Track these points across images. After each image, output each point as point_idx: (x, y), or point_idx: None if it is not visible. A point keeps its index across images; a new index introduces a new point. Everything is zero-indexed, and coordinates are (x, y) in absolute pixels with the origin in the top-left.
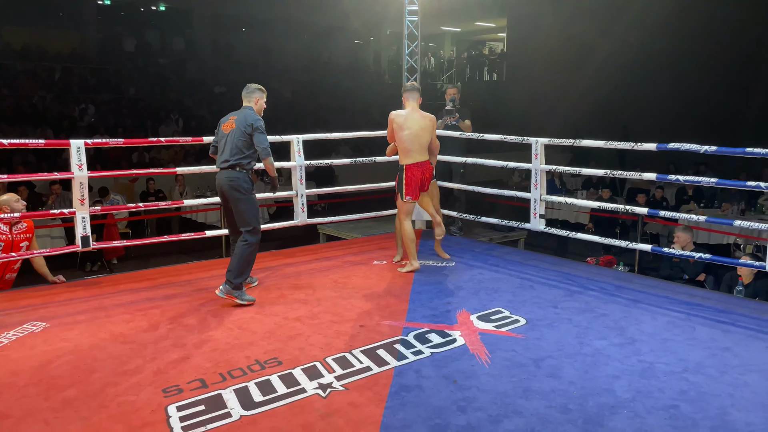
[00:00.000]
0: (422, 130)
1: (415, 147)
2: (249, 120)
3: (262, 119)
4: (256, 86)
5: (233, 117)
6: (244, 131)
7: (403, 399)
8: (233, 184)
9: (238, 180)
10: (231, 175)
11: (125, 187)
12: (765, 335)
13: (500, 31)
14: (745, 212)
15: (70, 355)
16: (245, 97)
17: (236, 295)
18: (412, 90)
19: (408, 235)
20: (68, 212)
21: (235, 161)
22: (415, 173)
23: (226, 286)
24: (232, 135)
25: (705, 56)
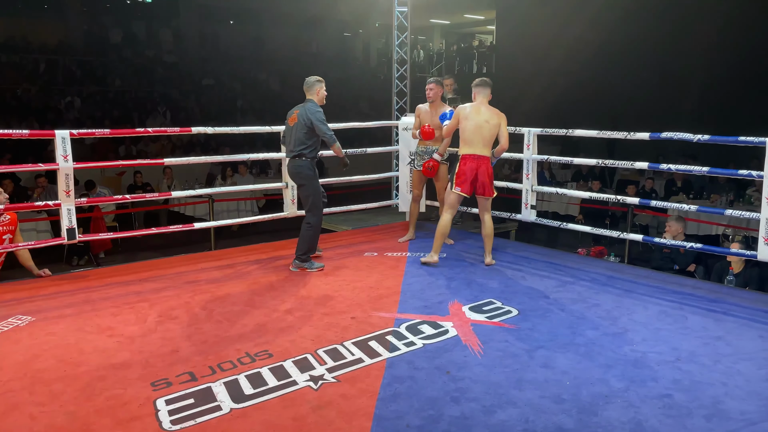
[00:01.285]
0: (487, 123)
1: (476, 139)
2: (309, 112)
3: (322, 110)
4: (315, 78)
5: (296, 111)
6: (305, 124)
7: (395, 390)
8: (297, 171)
9: (302, 167)
10: (296, 163)
11: (112, 180)
12: (757, 324)
13: (489, 23)
14: (733, 203)
15: (56, 349)
16: (306, 90)
17: (306, 266)
18: (483, 85)
19: (442, 229)
20: (53, 204)
21: (298, 151)
22: (470, 164)
23: (296, 262)
24: (296, 128)
25: (694, 48)
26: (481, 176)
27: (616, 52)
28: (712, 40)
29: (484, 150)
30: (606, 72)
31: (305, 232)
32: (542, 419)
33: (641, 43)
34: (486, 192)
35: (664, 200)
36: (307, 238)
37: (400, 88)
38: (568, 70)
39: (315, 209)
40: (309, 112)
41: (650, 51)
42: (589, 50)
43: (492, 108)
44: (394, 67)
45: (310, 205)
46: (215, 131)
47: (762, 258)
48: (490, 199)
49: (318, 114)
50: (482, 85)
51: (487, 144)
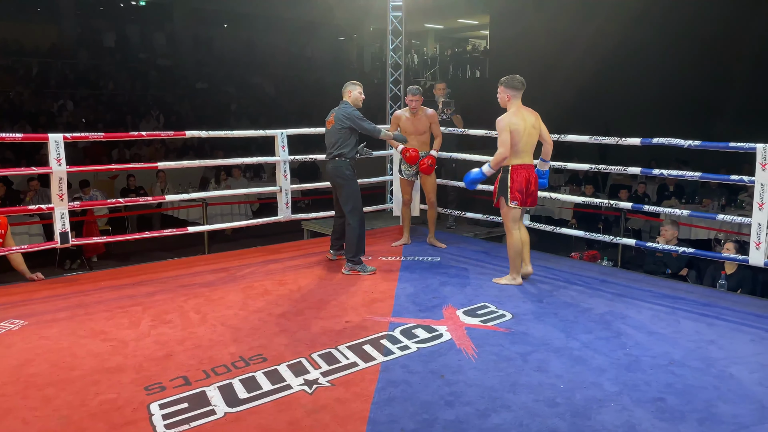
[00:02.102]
0: (533, 128)
1: (527, 148)
2: (345, 113)
3: (357, 110)
4: (349, 82)
5: (333, 114)
6: (341, 125)
7: (390, 394)
8: (336, 172)
9: (341, 168)
10: (335, 164)
11: (105, 184)
12: (748, 328)
13: (483, 28)
14: (725, 207)
15: (49, 353)
16: (343, 93)
17: (359, 269)
18: (521, 87)
19: (515, 248)
20: (46, 208)
21: (337, 152)
22: (522, 174)
23: (349, 265)
24: (333, 129)
25: (687, 54)
26: (533, 186)
27: (609, 56)
28: (706, 46)
29: (531, 158)
30: (599, 76)
31: (349, 233)
32: (536, 423)
33: (635, 47)
34: (533, 202)
35: (656, 204)
36: (354, 239)
37: (394, 93)
38: (561, 74)
39: (356, 210)
40: (345, 113)
41: (644, 56)
42: (582, 55)
43: (530, 109)
44: (389, 72)
45: (351, 206)
46: (209, 135)
47: (753, 263)
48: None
49: (355, 112)
50: (519, 87)
51: (532, 151)
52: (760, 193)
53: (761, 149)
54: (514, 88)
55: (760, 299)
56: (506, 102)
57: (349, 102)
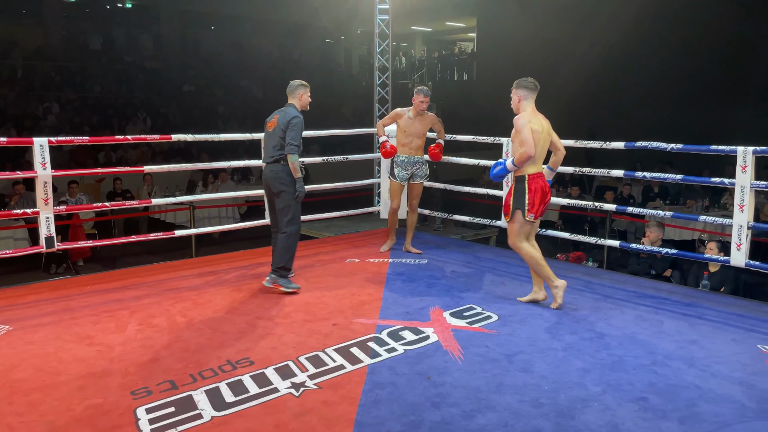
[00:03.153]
0: (548, 134)
1: (542, 154)
2: (287, 116)
3: (301, 116)
4: (298, 82)
5: (276, 115)
6: (283, 128)
7: (376, 396)
8: (275, 176)
9: (280, 172)
10: (274, 168)
11: (91, 188)
12: (730, 327)
13: (470, 31)
14: (708, 209)
15: (34, 358)
16: (289, 94)
17: (282, 283)
18: (534, 89)
19: (536, 259)
20: (31, 212)
21: (278, 156)
22: (540, 184)
23: (272, 276)
24: (275, 132)
25: (671, 58)
26: (549, 197)
27: (595, 59)
28: (690, 51)
29: (543, 166)
30: (585, 79)
31: (285, 242)
32: (521, 423)
33: (621, 51)
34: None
35: (641, 206)
36: (287, 248)
37: (381, 95)
38: (547, 77)
39: (295, 220)
40: (288, 115)
41: (629, 59)
42: (568, 58)
43: (543, 116)
44: (376, 75)
45: (291, 215)
46: (195, 138)
47: (735, 263)
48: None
49: (297, 118)
50: (532, 89)
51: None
52: (740, 195)
53: (741, 152)
54: (525, 88)
55: (742, 299)
56: (517, 104)
57: (296, 105)
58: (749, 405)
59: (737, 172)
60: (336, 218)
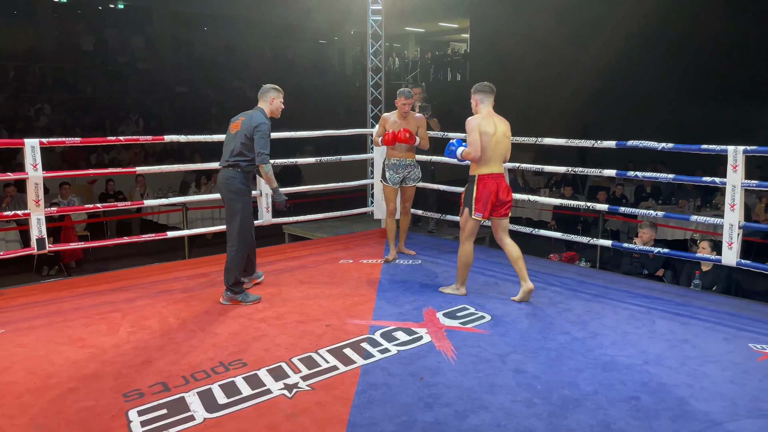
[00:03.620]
0: (503, 135)
1: (495, 155)
2: (254, 122)
3: (269, 122)
4: (270, 86)
5: (241, 118)
6: (246, 133)
7: (369, 397)
8: (227, 183)
9: (234, 180)
10: (227, 174)
11: (83, 189)
12: (722, 327)
13: (463, 31)
14: (700, 209)
15: (26, 360)
16: (260, 97)
17: (239, 299)
18: (489, 92)
19: (465, 259)
20: (22, 214)
21: (233, 161)
22: (488, 185)
23: (228, 294)
24: (236, 135)
25: (663, 58)
26: (501, 196)
27: (587, 60)
28: (682, 49)
29: (501, 167)
30: (578, 80)
31: (231, 260)
32: (514, 423)
33: (613, 50)
34: (504, 212)
35: (634, 206)
36: (235, 264)
37: (375, 96)
38: (540, 78)
39: (243, 231)
40: (255, 120)
41: (622, 58)
42: (560, 59)
43: (500, 117)
44: (369, 75)
45: (239, 226)
46: (188, 139)
47: (726, 262)
48: (507, 219)
49: (263, 125)
50: (488, 92)
51: (503, 160)
52: (731, 195)
53: (732, 151)
54: (481, 92)
55: (734, 298)
56: (475, 108)
57: (266, 110)
58: (740, 403)
59: (728, 172)
60: (329, 219)
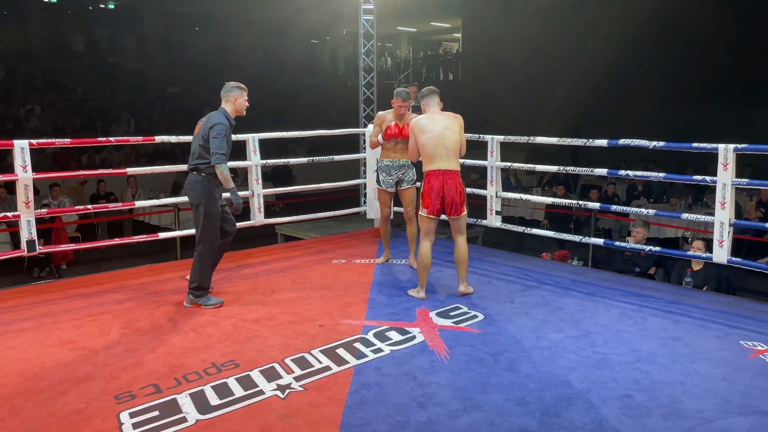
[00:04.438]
0: (447, 129)
1: (438, 151)
2: (210, 122)
3: (228, 122)
4: (234, 84)
5: (203, 120)
6: (203, 135)
7: (362, 397)
8: (191, 188)
9: (195, 184)
10: (190, 178)
11: (74, 190)
12: (713, 324)
13: (456, 31)
14: (692, 207)
15: (16, 363)
16: (222, 97)
17: (201, 302)
18: (431, 94)
19: (422, 260)
20: (12, 215)
21: (193, 165)
22: (435, 182)
23: (190, 297)
24: (197, 137)
25: (653, 58)
26: (449, 193)
27: (579, 58)
28: (673, 51)
29: (450, 163)
30: (569, 80)
31: (197, 262)
32: (507, 422)
33: (604, 50)
34: (455, 211)
35: (626, 204)
36: (199, 268)
37: (367, 96)
38: (532, 77)
39: (208, 234)
40: (210, 121)
41: (613, 58)
42: (553, 59)
43: (448, 113)
44: (361, 75)
45: (202, 230)
46: (179, 140)
47: (717, 260)
48: (462, 218)
49: (220, 125)
50: (430, 95)
51: (451, 155)
52: (722, 193)
53: (723, 150)
54: (425, 96)
55: (725, 296)
56: (424, 111)
57: (228, 110)
58: (732, 400)
59: (719, 170)
60: (322, 219)
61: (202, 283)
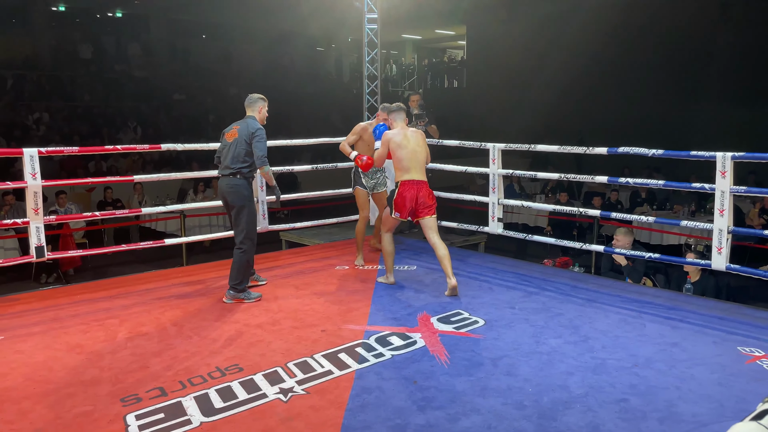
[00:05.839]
0: (418, 146)
1: (413, 165)
2: (251, 128)
3: (263, 128)
4: (257, 96)
5: (236, 127)
6: (245, 140)
7: (363, 401)
8: (234, 191)
9: (239, 187)
10: (231, 182)
11: (81, 197)
12: (711, 330)
13: (460, 38)
14: (695, 213)
15: (24, 367)
16: (248, 106)
17: (242, 297)
18: (400, 110)
19: (386, 249)
20: (21, 222)
21: (236, 169)
22: (407, 190)
23: (230, 292)
24: (235, 144)
25: (655, 65)
26: (421, 199)
27: (583, 66)
28: (678, 57)
29: (421, 174)
30: (573, 87)
31: (238, 257)
32: (504, 425)
33: (608, 57)
34: (424, 213)
35: (629, 211)
36: (242, 264)
37: (371, 104)
38: (536, 84)
39: (250, 234)
40: (251, 127)
41: (617, 65)
42: (557, 65)
43: (413, 130)
44: (365, 83)
45: (246, 229)
46: (185, 148)
47: (716, 267)
48: (433, 219)
49: (260, 131)
50: (398, 111)
51: (422, 167)
52: (720, 200)
53: (720, 158)
54: (390, 111)
55: (723, 302)
56: (389, 124)
57: (256, 118)
58: (727, 405)
59: (717, 178)
60: (326, 225)
61: (245, 280)
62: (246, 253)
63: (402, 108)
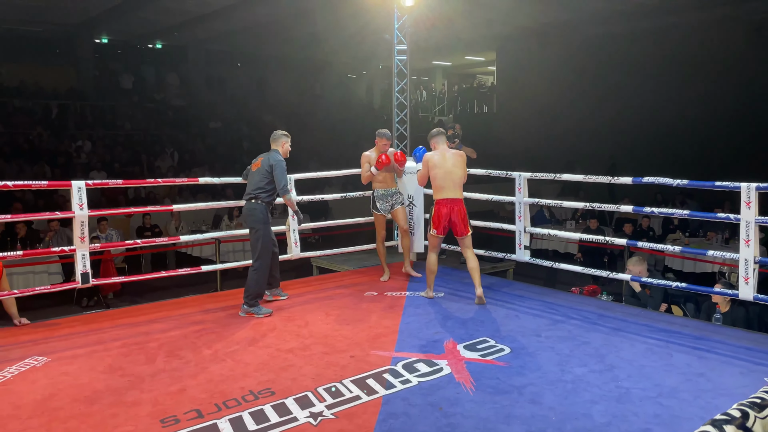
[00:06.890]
0: (455, 166)
1: (447, 184)
2: (271, 160)
3: (284, 161)
4: (281, 132)
5: (261, 158)
6: (266, 169)
7: (390, 426)
8: (250, 214)
9: (255, 211)
10: (250, 206)
11: (121, 222)
12: (739, 361)
13: (490, 64)
14: (729, 241)
15: (70, 388)
16: (273, 141)
17: (254, 311)
18: (439, 135)
19: (429, 267)
20: (69, 250)
21: (255, 194)
22: (444, 209)
23: (244, 307)
24: (257, 172)
25: (686, 92)
26: (454, 217)
27: (615, 92)
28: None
29: (456, 193)
30: (604, 112)
31: (250, 275)
32: None
33: (640, 84)
34: (460, 232)
35: (661, 237)
36: (254, 282)
37: (400, 132)
38: (566, 110)
39: (263, 255)
40: (272, 159)
41: (650, 92)
42: (586, 92)
43: (453, 151)
44: (394, 112)
45: (259, 251)
46: (222, 182)
47: (743, 297)
48: (468, 237)
49: (281, 162)
50: (438, 135)
51: (457, 187)
52: (746, 230)
53: (745, 188)
54: (431, 136)
55: (752, 332)
56: (432, 146)
57: (280, 152)
58: None
59: (742, 208)
60: (356, 252)
61: (256, 295)
62: (257, 271)
63: (441, 132)
